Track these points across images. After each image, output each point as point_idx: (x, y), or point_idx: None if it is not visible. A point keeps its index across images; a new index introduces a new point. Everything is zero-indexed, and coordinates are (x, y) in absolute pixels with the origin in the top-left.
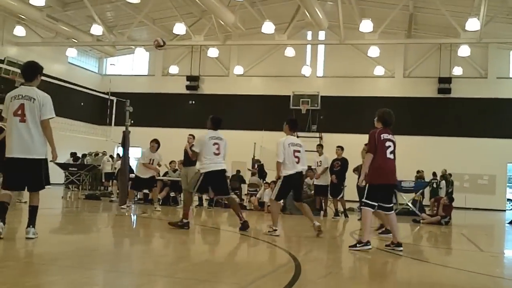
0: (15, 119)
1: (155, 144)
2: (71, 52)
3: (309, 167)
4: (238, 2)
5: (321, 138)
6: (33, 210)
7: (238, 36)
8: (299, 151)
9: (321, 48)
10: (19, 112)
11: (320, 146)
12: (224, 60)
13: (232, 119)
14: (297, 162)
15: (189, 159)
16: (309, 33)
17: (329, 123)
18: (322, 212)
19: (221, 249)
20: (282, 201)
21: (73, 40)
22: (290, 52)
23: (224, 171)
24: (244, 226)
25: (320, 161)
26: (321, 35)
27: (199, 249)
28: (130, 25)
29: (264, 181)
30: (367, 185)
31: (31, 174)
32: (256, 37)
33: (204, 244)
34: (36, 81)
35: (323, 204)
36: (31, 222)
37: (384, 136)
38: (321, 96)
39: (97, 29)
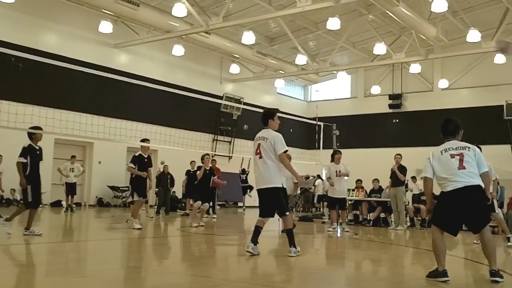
0: (256, 157)
1: None
2: (279, 83)
3: None
4: (439, 14)
5: None
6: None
7: (441, 48)
8: None
9: None
10: (258, 151)
11: None
12: (427, 75)
13: (439, 135)
14: None
15: (398, 179)
16: None
17: None
18: None
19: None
20: None
21: (280, 71)
22: (500, 59)
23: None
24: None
25: None
26: None
27: (415, 272)
28: (332, 51)
29: None
30: None
31: (271, 201)
32: (460, 48)
33: (420, 268)
34: (270, 125)
35: None
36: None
37: None
38: None
39: (301, 59)
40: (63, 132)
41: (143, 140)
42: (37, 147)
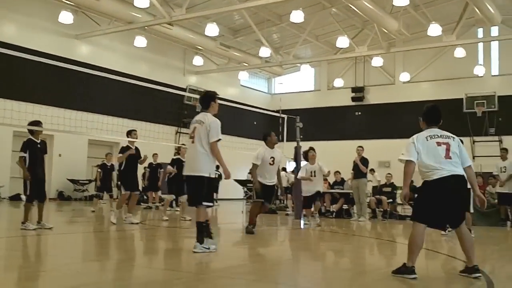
0: (189, 141)
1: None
2: (243, 76)
3: (491, 174)
4: (401, 8)
5: (500, 141)
6: (197, 226)
7: (403, 42)
8: None
9: (494, 45)
10: (192, 135)
11: (504, 150)
12: (389, 68)
13: (401, 127)
14: None
15: (360, 171)
16: (480, 30)
17: (509, 125)
18: (509, 223)
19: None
20: None
21: (244, 64)
22: (460, 52)
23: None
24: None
25: (505, 166)
26: (494, 31)
27: (377, 263)
28: (295, 44)
29: None
30: None
31: (194, 190)
32: (422, 41)
33: (382, 258)
34: (211, 108)
35: (509, 213)
36: (197, 238)
37: None
38: (498, 96)
39: (265, 52)
40: (22, 124)
41: (129, 132)
42: (38, 141)
